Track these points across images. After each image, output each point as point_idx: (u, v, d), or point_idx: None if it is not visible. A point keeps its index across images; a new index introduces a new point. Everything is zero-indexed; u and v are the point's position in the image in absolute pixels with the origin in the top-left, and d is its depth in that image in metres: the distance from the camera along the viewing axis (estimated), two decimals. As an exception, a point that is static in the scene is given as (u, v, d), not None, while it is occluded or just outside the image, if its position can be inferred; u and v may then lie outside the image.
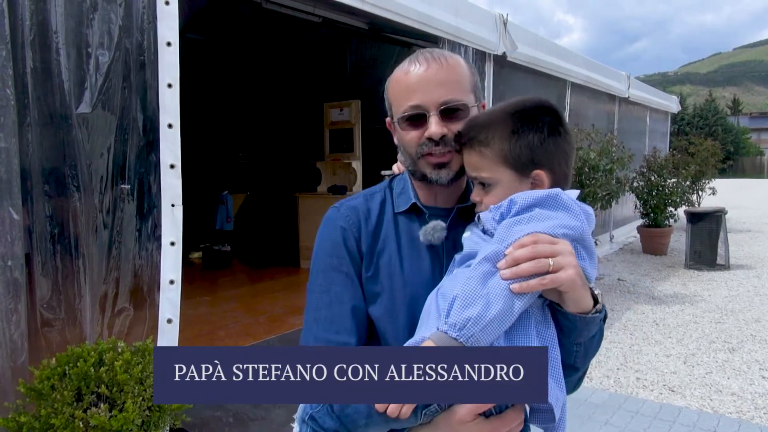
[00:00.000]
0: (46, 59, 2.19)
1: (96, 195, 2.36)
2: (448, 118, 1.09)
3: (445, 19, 4.58)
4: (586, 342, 1.02)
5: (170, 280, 2.52)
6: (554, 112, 1.08)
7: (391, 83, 1.18)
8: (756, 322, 5.30)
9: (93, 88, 2.32)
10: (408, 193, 1.19)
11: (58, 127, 2.25)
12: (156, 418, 2.07)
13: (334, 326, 1.10)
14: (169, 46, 2.46)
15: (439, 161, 1.11)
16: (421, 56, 1.13)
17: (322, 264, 1.17)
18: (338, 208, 1.21)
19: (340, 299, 1.12)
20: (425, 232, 1.12)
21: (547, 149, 1.04)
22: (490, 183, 1.06)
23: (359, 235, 1.16)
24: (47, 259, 2.27)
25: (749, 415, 3.46)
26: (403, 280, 1.13)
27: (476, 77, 1.18)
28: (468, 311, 0.90)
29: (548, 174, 1.05)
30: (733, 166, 27.25)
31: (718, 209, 7.71)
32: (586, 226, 0.99)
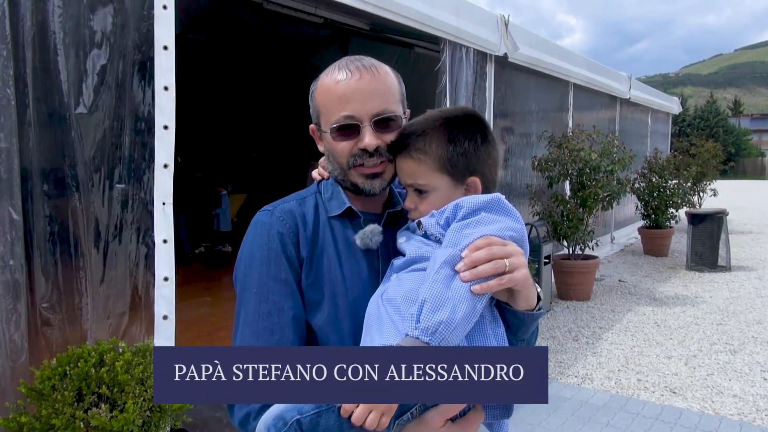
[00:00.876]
0: (44, 60, 2.20)
1: (93, 194, 2.38)
2: (381, 128, 1.09)
3: (446, 19, 4.58)
4: (527, 337, 1.07)
5: (164, 277, 2.54)
6: (482, 121, 1.13)
7: (320, 90, 1.13)
8: (757, 324, 5.29)
9: (90, 89, 2.34)
10: (340, 197, 1.17)
11: (56, 127, 2.27)
12: (156, 419, 2.07)
13: (274, 338, 1.05)
14: (166, 49, 2.49)
15: (372, 171, 1.10)
16: (352, 65, 1.11)
17: (257, 272, 1.09)
18: (271, 211, 1.15)
19: (279, 309, 1.07)
20: (363, 236, 1.11)
21: (479, 157, 1.10)
22: (426, 190, 1.09)
23: (297, 240, 1.12)
24: (46, 258, 2.28)
25: (751, 417, 3.46)
26: (344, 286, 1.10)
27: (403, 87, 1.18)
28: (438, 315, 0.91)
29: (481, 180, 1.11)
30: (734, 168, 27.22)
31: (720, 210, 7.70)
32: (524, 229, 1.05)
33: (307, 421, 0.91)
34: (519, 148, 6.76)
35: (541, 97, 7.15)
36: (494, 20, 5.29)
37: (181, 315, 5.30)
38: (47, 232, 2.26)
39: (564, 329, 5.24)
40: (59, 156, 2.29)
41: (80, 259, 2.37)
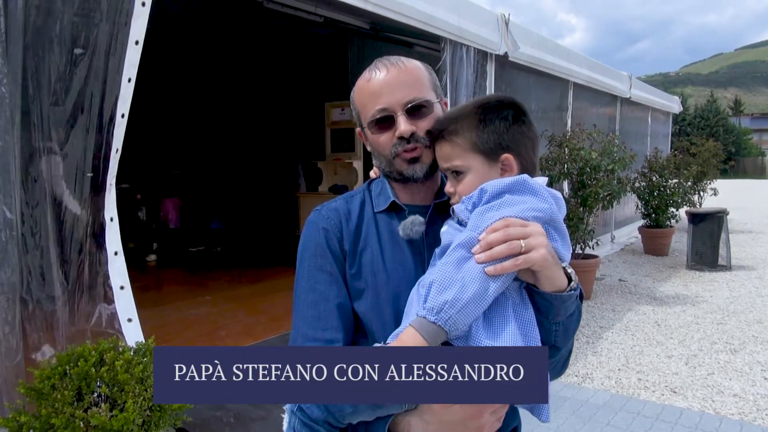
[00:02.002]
0: (30, 55, 2.22)
1: (65, 186, 2.42)
2: (414, 115, 1.15)
3: (447, 18, 4.57)
4: (564, 320, 1.06)
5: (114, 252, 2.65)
6: (517, 105, 1.14)
7: (356, 93, 1.23)
8: (758, 324, 5.29)
9: (68, 83, 2.37)
10: (387, 193, 1.24)
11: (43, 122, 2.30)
12: (157, 418, 2.06)
13: (320, 323, 1.14)
14: (137, 44, 2.57)
15: (411, 156, 1.16)
16: (380, 63, 1.20)
17: (306, 265, 1.20)
18: (319, 210, 1.25)
19: (325, 297, 1.16)
20: (404, 227, 1.16)
21: (513, 135, 1.10)
22: (461, 171, 1.11)
23: (341, 235, 1.20)
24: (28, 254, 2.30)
25: (751, 416, 3.46)
26: (386, 275, 1.17)
27: (434, 76, 1.24)
28: (444, 295, 0.94)
29: (516, 158, 1.10)
30: (735, 167, 27.21)
31: (720, 210, 7.69)
32: (555, 208, 1.03)
33: None
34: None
35: (542, 96, 7.15)
36: (495, 19, 5.28)
37: (181, 314, 5.33)
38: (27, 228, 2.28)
39: (564, 328, 5.23)
40: (35, 151, 2.32)
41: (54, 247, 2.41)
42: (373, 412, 1.03)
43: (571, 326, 1.09)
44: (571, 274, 1.05)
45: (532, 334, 1.01)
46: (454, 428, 1.01)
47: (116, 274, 2.64)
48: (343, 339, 1.14)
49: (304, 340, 1.15)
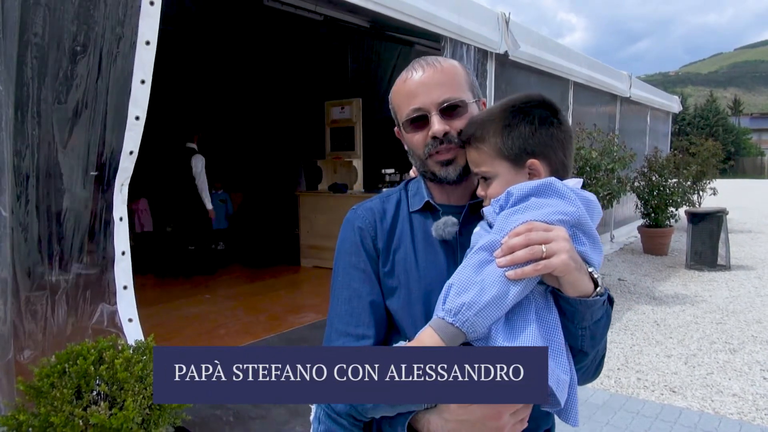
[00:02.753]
0: (28, 53, 2.21)
1: (69, 185, 2.42)
2: (448, 115, 1.16)
3: (447, 17, 4.57)
4: (591, 325, 1.05)
5: (122, 252, 2.65)
6: (547, 104, 1.12)
7: (393, 93, 1.25)
8: (757, 323, 5.29)
9: (74, 82, 2.36)
10: (422, 193, 1.26)
11: (41, 120, 2.29)
12: (156, 417, 2.06)
13: (353, 320, 1.18)
14: (148, 45, 2.54)
15: (444, 158, 1.17)
16: (417, 64, 1.21)
17: (342, 263, 1.24)
18: (356, 210, 1.30)
19: (358, 294, 1.20)
20: (437, 227, 1.17)
21: (539, 139, 1.08)
22: (489, 176, 1.11)
23: (375, 234, 1.24)
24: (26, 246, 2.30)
25: (750, 416, 3.46)
26: (418, 274, 1.19)
27: (472, 77, 1.25)
28: (462, 297, 0.95)
29: (543, 163, 1.08)
30: (734, 167, 27.24)
31: (719, 210, 7.69)
32: (583, 212, 1.01)
33: None
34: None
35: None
36: (495, 18, 5.28)
37: (181, 312, 5.33)
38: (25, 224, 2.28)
39: (563, 328, 5.24)
40: (37, 149, 2.31)
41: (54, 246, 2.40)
42: (392, 408, 1.05)
43: (598, 331, 1.08)
44: (598, 279, 1.04)
45: (555, 338, 1.00)
46: (474, 428, 1.02)
47: (121, 273, 2.64)
48: (374, 335, 1.17)
49: (337, 336, 1.19)
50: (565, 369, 0.99)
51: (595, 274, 1.04)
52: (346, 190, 7.34)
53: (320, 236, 7.42)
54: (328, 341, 1.22)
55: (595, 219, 1.06)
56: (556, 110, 1.12)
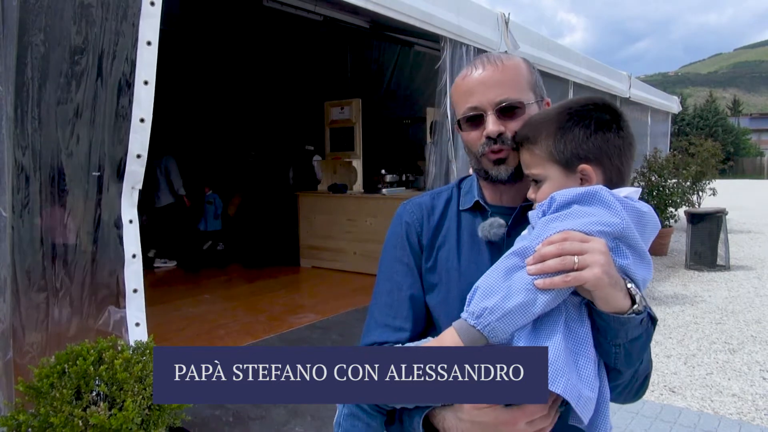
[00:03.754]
0: (29, 53, 2.21)
1: (73, 187, 2.41)
2: (505, 116, 1.14)
3: (446, 17, 4.57)
4: (626, 344, 0.99)
5: (132, 255, 2.63)
6: (609, 108, 1.09)
7: (453, 90, 1.24)
8: (756, 323, 5.30)
9: (75, 83, 2.36)
10: (473, 192, 1.25)
11: (41, 121, 2.28)
12: (156, 417, 2.06)
13: (392, 311, 1.20)
14: (149, 45, 2.52)
15: (497, 157, 1.16)
16: (478, 61, 1.20)
17: (387, 255, 1.27)
18: (405, 205, 1.31)
19: (399, 287, 1.22)
20: (483, 228, 1.17)
21: (594, 144, 1.04)
22: (540, 179, 1.09)
23: (421, 230, 1.25)
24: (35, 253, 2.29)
25: (750, 416, 3.46)
26: (459, 273, 1.19)
27: (536, 76, 1.22)
28: (486, 301, 0.93)
29: (597, 169, 1.05)
30: (734, 167, 27.26)
31: (719, 210, 7.70)
32: (629, 224, 0.96)
33: None
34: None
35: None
36: (495, 18, 5.28)
37: (180, 312, 5.32)
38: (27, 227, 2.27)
39: (563, 328, 5.24)
40: (37, 150, 2.30)
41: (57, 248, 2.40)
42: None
43: (634, 351, 1.01)
44: (636, 296, 0.97)
45: (583, 351, 0.96)
46: (486, 430, 1.00)
47: (131, 276, 2.62)
48: (411, 328, 1.19)
49: (376, 326, 1.21)
50: (592, 386, 0.95)
51: (633, 290, 0.97)
52: (345, 190, 7.34)
53: (319, 237, 7.42)
54: (367, 331, 1.23)
55: (648, 232, 1.01)
56: (618, 115, 1.08)
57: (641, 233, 0.99)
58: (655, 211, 3.47)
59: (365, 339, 1.23)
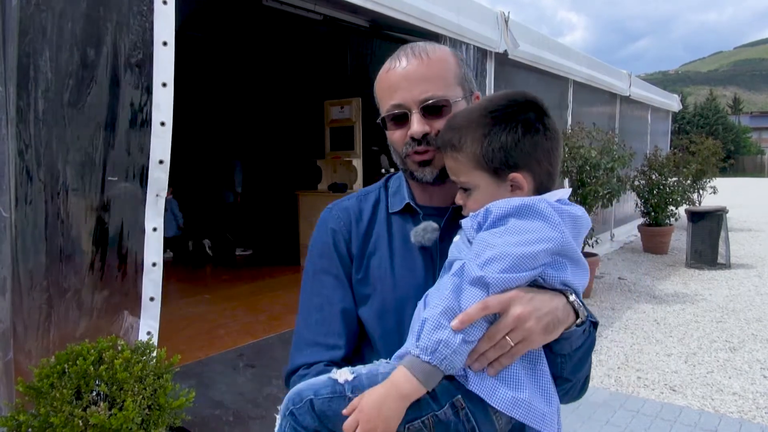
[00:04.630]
0: (35, 55, 2.19)
1: (85, 189, 2.39)
2: (430, 115, 1.07)
3: (446, 16, 4.57)
4: (570, 353, 1.00)
5: (153, 263, 2.61)
6: (534, 106, 1.03)
7: (376, 83, 1.15)
8: (757, 322, 5.29)
9: (85, 84, 2.33)
10: (402, 193, 1.17)
11: (49, 123, 2.26)
12: (156, 417, 2.06)
13: (323, 328, 1.11)
14: (165, 45, 2.47)
15: (421, 159, 1.09)
16: (402, 52, 1.11)
17: (313, 266, 1.17)
18: (331, 209, 1.21)
19: (330, 301, 1.12)
20: (416, 233, 1.10)
21: (522, 149, 0.99)
22: (468, 187, 1.03)
23: (349, 237, 1.16)
24: (36, 252, 2.28)
25: (751, 414, 3.46)
26: (393, 282, 1.11)
27: (463, 69, 1.14)
28: (438, 334, 0.88)
29: (527, 175, 1.00)
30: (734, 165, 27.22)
31: (719, 208, 7.69)
32: (567, 237, 0.94)
33: (320, 402, 0.95)
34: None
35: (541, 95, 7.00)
36: (494, 17, 5.28)
37: (181, 312, 5.32)
38: (35, 226, 2.26)
39: (564, 327, 5.24)
40: (50, 151, 2.29)
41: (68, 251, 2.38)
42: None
43: (578, 357, 1.02)
44: (579, 309, 0.97)
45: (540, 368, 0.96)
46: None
47: (149, 285, 2.59)
48: (345, 345, 1.10)
49: (306, 345, 1.12)
50: (550, 400, 0.95)
51: (576, 304, 0.97)
52: (345, 189, 7.33)
53: (320, 236, 7.39)
54: (297, 350, 1.13)
55: (582, 234, 1.00)
56: (542, 112, 1.02)
57: (576, 237, 0.98)
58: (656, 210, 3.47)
59: (295, 360, 1.12)
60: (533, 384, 0.94)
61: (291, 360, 1.14)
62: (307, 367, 1.09)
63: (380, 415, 0.88)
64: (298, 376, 1.09)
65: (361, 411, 0.90)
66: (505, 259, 0.90)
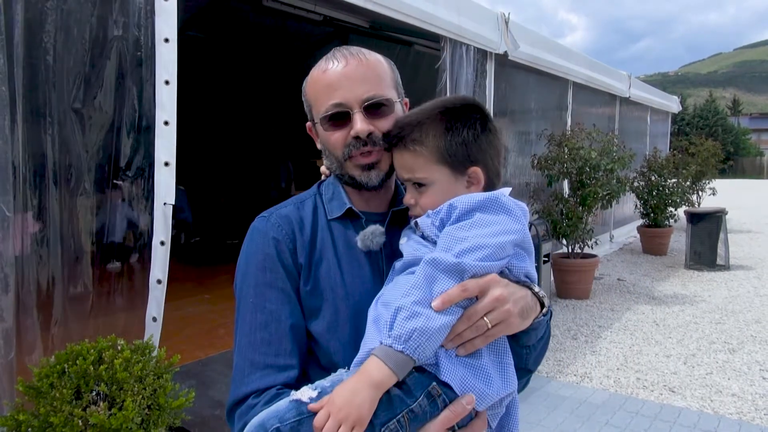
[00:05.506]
0: (39, 55, 2.19)
1: (90, 191, 2.37)
2: (372, 114, 1.05)
3: (446, 17, 4.57)
4: (535, 343, 1.03)
5: (158, 280, 2.50)
6: (483, 110, 1.07)
7: (309, 83, 1.11)
8: (756, 323, 5.30)
9: (88, 83, 2.31)
10: (341, 198, 1.12)
11: (52, 123, 2.25)
12: (155, 417, 2.06)
13: (272, 348, 1.02)
14: (167, 42, 2.44)
15: (367, 161, 1.05)
16: (339, 53, 1.08)
17: (253, 280, 1.07)
18: (267, 217, 1.12)
19: (277, 318, 1.03)
20: (364, 237, 1.07)
21: (480, 146, 1.03)
22: (425, 183, 1.03)
23: (294, 247, 1.08)
24: (40, 254, 2.27)
25: (750, 416, 3.46)
26: (345, 290, 1.06)
27: (396, 74, 1.14)
28: (412, 322, 0.88)
29: (483, 170, 1.04)
30: (733, 167, 27.25)
31: (718, 209, 7.70)
32: (526, 228, 0.98)
33: (287, 429, 0.88)
34: (518, 146, 6.76)
35: (541, 96, 7.14)
36: (495, 18, 5.28)
37: (180, 312, 5.32)
38: (41, 228, 2.25)
39: (563, 328, 5.24)
40: (53, 152, 2.27)
41: (72, 256, 2.37)
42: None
43: (541, 348, 1.05)
44: (543, 299, 0.99)
45: (505, 361, 0.98)
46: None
47: (153, 302, 2.49)
48: (298, 364, 1.03)
49: (254, 369, 1.01)
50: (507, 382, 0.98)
51: (541, 294, 0.99)
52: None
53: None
54: (240, 374, 1.02)
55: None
56: (489, 116, 1.06)
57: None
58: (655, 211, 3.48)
59: (242, 388, 1.01)
60: (499, 376, 0.96)
61: (235, 388, 1.02)
62: (258, 394, 1.00)
63: (352, 404, 0.86)
64: (247, 406, 1.00)
65: (332, 403, 0.87)
66: (480, 250, 0.92)
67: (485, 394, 0.92)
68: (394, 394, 0.89)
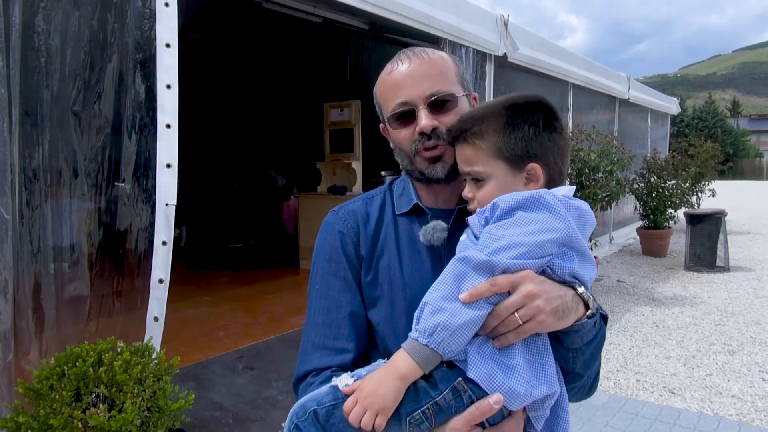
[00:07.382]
0: (39, 58, 2.19)
1: (91, 193, 2.37)
2: (437, 110, 1.09)
3: (446, 19, 4.58)
4: (582, 347, 1.00)
5: (159, 279, 2.52)
6: (549, 108, 1.06)
7: (378, 86, 1.17)
8: (756, 325, 5.30)
9: (89, 87, 2.31)
10: (409, 194, 1.18)
11: (53, 126, 2.25)
12: (155, 419, 2.06)
13: (331, 332, 1.11)
14: (168, 47, 2.46)
15: (432, 155, 1.10)
16: (403, 55, 1.13)
17: (320, 269, 1.17)
18: (336, 212, 1.21)
19: (338, 304, 1.12)
20: (425, 232, 1.10)
21: (542, 142, 1.02)
22: (483, 177, 1.04)
23: (358, 240, 1.16)
24: (40, 257, 2.26)
25: (749, 417, 3.46)
26: (402, 283, 1.11)
27: (461, 69, 1.18)
28: (436, 317, 0.90)
29: (543, 168, 1.03)
30: (733, 168, 27.27)
31: (718, 211, 7.70)
32: (573, 228, 0.95)
33: (323, 412, 0.95)
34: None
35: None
36: (494, 20, 5.29)
37: (180, 314, 5.32)
38: (40, 231, 2.25)
39: (563, 329, 5.24)
40: (54, 155, 2.27)
41: (74, 257, 2.36)
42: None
43: (590, 351, 1.02)
44: (588, 300, 0.97)
45: (544, 361, 0.95)
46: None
47: (155, 302, 2.50)
48: (354, 349, 1.10)
49: (314, 349, 1.11)
50: (550, 383, 0.95)
51: (586, 295, 0.97)
52: (345, 192, 7.34)
53: (319, 238, 7.40)
54: (303, 353, 1.13)
55: (587, 229, 1.00)
56: (557, 114, 1.06)
57: (582, 230, 0.99)
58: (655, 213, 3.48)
59: (304, 366, 1.12)
60: (536, 376, 0.94)
61: (299, 365, 1.13)
62: (317, 373, 1.09)
63: (378, 393, 0.91)
64: (306, 383, 1.09)
65: (360, 390, 0.93)
66: (514, 248, 0.92)
67: (516, 394, 0.91)
68: (420, 386, 0.92)
